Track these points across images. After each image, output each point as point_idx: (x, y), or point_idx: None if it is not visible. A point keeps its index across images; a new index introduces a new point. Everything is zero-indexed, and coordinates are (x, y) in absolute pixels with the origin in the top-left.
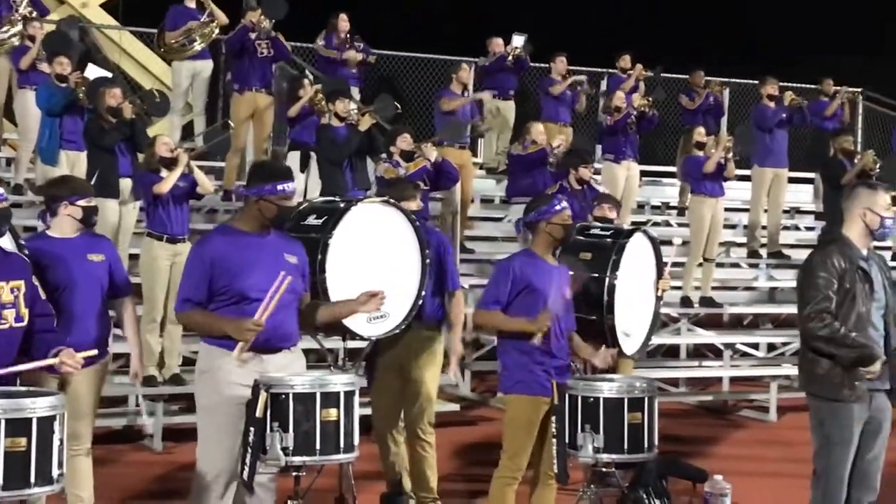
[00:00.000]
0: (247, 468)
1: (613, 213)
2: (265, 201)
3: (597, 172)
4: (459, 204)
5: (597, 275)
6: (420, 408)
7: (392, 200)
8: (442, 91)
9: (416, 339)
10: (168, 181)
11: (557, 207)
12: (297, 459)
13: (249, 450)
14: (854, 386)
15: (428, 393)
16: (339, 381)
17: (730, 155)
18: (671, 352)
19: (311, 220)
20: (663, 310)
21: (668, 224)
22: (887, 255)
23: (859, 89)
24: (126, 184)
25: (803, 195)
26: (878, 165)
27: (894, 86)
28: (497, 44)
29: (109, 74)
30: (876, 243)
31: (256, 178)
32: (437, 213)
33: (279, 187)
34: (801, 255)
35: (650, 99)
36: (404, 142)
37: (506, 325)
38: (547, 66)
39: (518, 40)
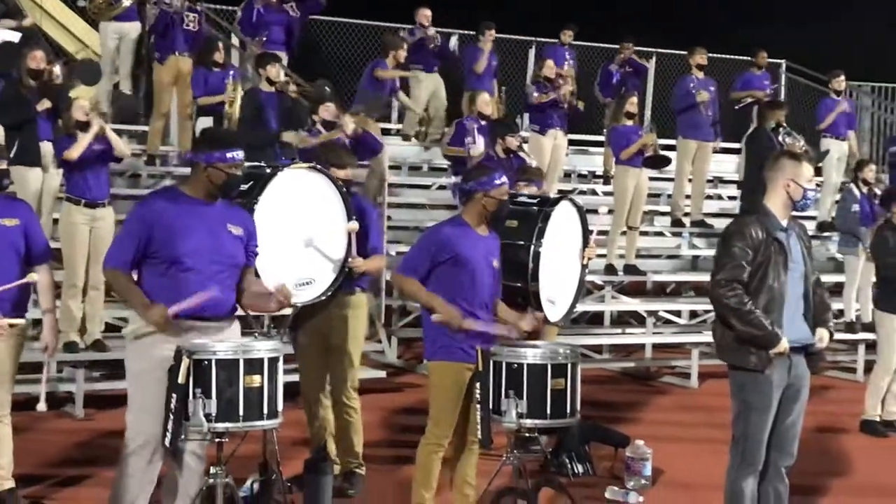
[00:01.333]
0: (169, 434)
1: (532, 189)
2: (214, 168)
3: (525, 141)
4: (387, 171)
5: (522, 242)
6: (344, 373)
7: (319, 167)
8: (376, 62)
9: (339, 305)
10: (78, 146)
11: (497, 181)
12: (220, 426)
13: (171, 416)
14: (762, 355)
15: (351, 358)
16: (263, 348)
17: (650, 153)
18: (595, 319)
19: None
20: (589, 277)
21: (594, 193)
22: (812, 224)
23: (782, 60)
24: (48, 148)
25: (727, 165)
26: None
27: (817, 57)
28: (424, 15)
29: (16, 36)
30: (802, 213)
31: (205, 144)
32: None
33: (228, 155)
34: (723, 224)
35: (579, 101)
36: (327, 112)
37: (419, 297)
38: (474, 34)
39: (453, 42)
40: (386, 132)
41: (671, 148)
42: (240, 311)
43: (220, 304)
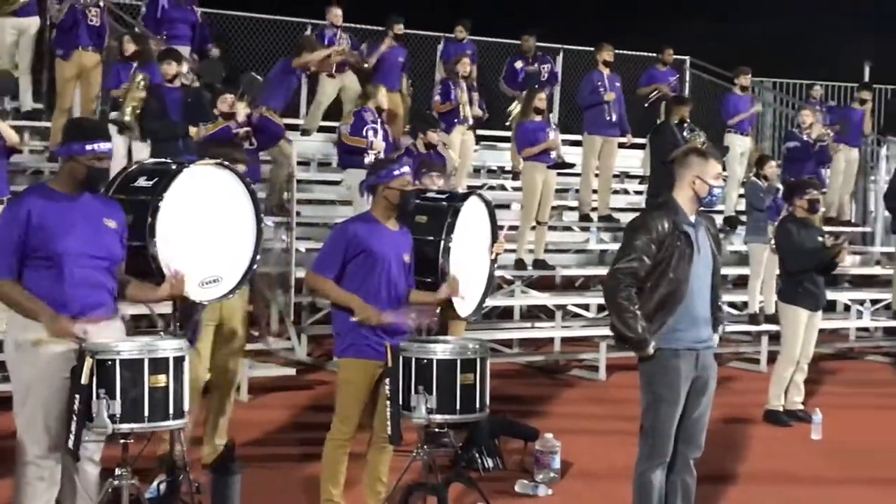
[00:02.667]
0: (72, 436)
1: (441, 181)
2: (75, 161)
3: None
4: (295, 167)
5: (432, 238)
6: (236, 364)
7: (227, 163)
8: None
9: (231, 300)
10: None
11: (396, 172)
12: (125, 427)
13: (75, 418)
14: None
15: (240, 344)
16: (169, 347)
17: (554, 155)
18: (505, 313)
19: (141, 182)
20: (499, 272)
21: (503, 188)
22: (719, 218)
23: (687, 57)
24: None
25: (632, 160)
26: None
27: (720, 53)
28: (335, 15)
29: None
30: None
31: (68, 136)
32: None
33: (88, 147)
34: (629, 218)
35: (483, 110)
36: (224, 104)
37: (334, 295)
38: (383, 29)
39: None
40: (294, 128)
41: (577, 143)
42: (142, 309)
43: (96, 305)
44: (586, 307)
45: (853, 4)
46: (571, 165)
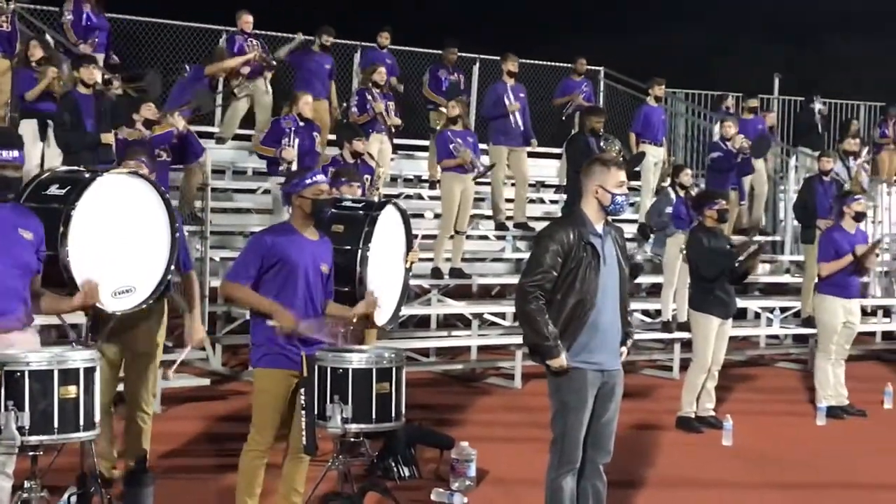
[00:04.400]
0: None
1: (356, 189)
2: None
3: None
4: (210, 176)
5: (349, 247)
6: (145, 380)
7: (141, 173)
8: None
9: (142, 312)
10: None
11: (308, 181)
12: (34, 439)
13: None
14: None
15: (153, 365)
16: (79, 358)
17: (469, 168)
18: (422, 322)
19: (53, 190)
20: (415, 281)
21: (420, 197)
22: (632, 228)
23: (601, 67)
24: None
25: (548, 169)
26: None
27: (635, 64)
28: (246, 21)
29: None
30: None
31: None
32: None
33: None
34: None
35: (398, 122)
36: (148, 111)
37: (251, 302)
38: (312, 38)
39: (284, 50)
40: (209, 136)
41: (486, 153)
42: (53, 319)
43: (8, 310)
44: (503, 315)
45: (764, 18)
46: (491, 166)
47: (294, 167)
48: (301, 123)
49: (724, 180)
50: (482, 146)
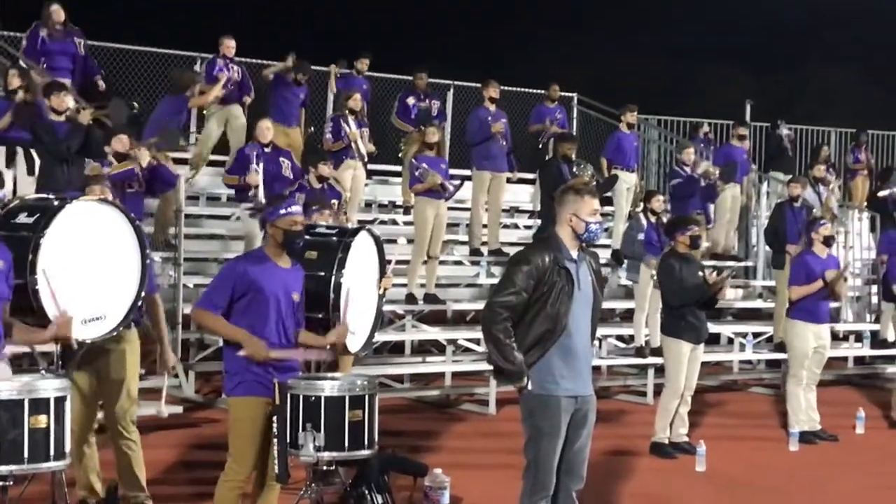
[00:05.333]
0: None
1: (331, 218)
2: None
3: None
4: (183, 201)
5: (323, 273)
6: (122, 407)
7: (110, 199)
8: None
9: (116, 340)
10: None
11: (283, 211)
12: (4, 469)
13: None
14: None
15: (129, 391)
16: (50, 387)
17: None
18: (396, 348)
19: (22, 219)
20: (389, 307)
21: (394, 223)
22: (607, 252)
23: (574, 94)
24: None
25: (522, 195)
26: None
27: (608, 91)
28: (228, 46)
29: None
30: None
31: None
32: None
33: None
34: None
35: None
36: (119, 143)
37: (221, 331)
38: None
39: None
40: (183, 161)
41: (468, 178)
42: (23, 347)
43: None
44: (477, 341)
45: (735, 47)
46: (461, 184)
47: (261, 192)
48: (266, 149)
49: (685, 206)
50: (465, 172)
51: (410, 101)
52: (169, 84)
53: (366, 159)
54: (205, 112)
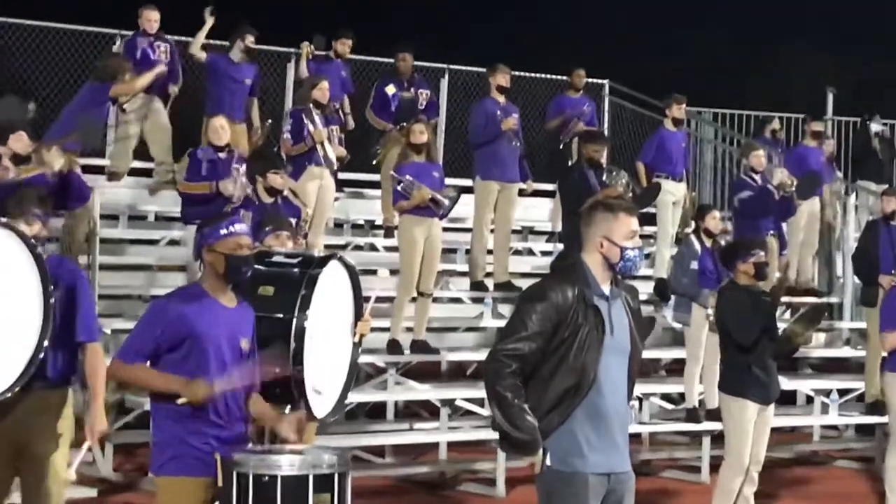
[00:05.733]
0: None
1: (290, 242)
2: None
3: None
4: (98, 221)
5: (281, 315)
6: (46, 490)
7: (5, 221)
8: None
9: (37, 404)
10: None
11: (223, 231)
12: None
13: None
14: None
15: (55, 471)
16: None
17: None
18: (376, 411)
19: None
20: (366, 358)
21: (373, 248)
22: (648, 285)
23: (605, 80)
24: None
25: (539, 212)
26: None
27: (648, 77)
28: (149, 19)
29: None
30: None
31: None
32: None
33: None
34: None
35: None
36: (19, 142)
37: (150, 382)
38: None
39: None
40: (97, 170)
41: (468, 190)
42: None
43: None
44: (481, 402)
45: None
46: (458, 197)
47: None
48: (219, 154)
49: (756, 227)
50: (464, 182)
51: (390, 90)
52: (93, 70)
53: (335, 166)
54: (120, 106)
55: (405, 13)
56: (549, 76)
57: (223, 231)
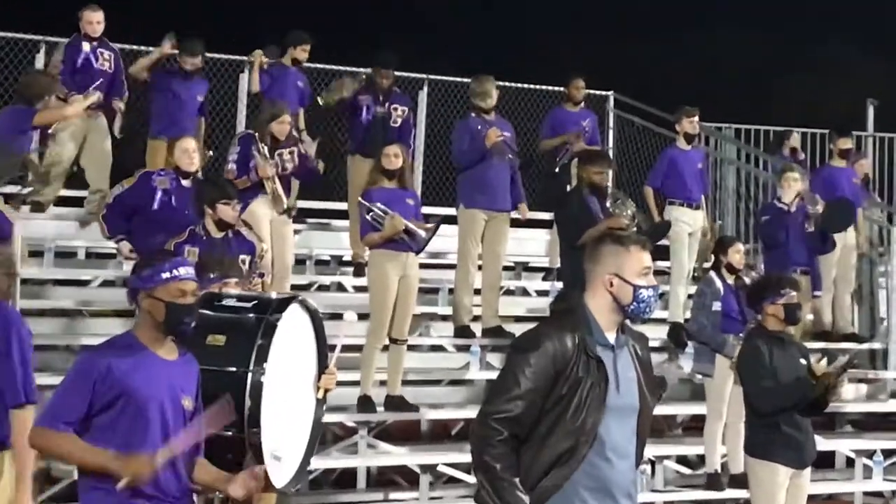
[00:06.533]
0: None
1: (240, 286)
2: None
3: None
4: (18, 261)
5: (234, 369)
6: None
7: None
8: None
9: None
10: None
11: (165, 275)
12: None
13: None
14: None
15: None
16: None
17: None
18: (345, 479)
19: None
20: (333, 417)
21: (340, 288)
22: (659, 331)
23: (609, 92)
24: None
25: (534, 245)
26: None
27: (654, 88)
28: (91, 20)
29: None
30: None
31: None
32: None
33: None
34: None
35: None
36: None
37: (79, 457)
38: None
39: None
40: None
41: (451, 220)
42: None
43: None
44: (466, 468)
45: (848, 19)
46: (437, 225)
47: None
48: (185, 182)
49: (783, 259)
50: (446, 210)
51: (364, 101)
52: (17, 89)
53: (285, 206)
54: (51, 136)
55: (376, 14)
56: (544, 87)
57: (165, 275)
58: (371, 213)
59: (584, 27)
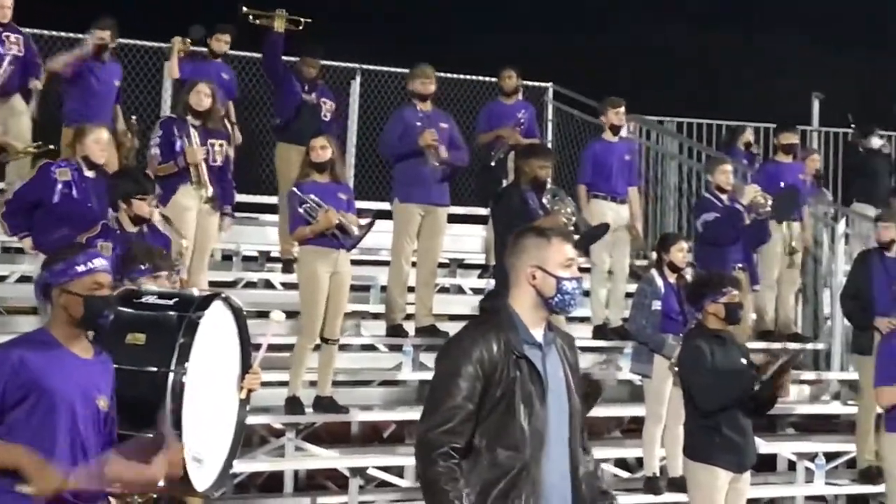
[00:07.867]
0: None
1: (167, 281)
2: None
3: None
4: None
5: (155, 368)
6: None
7: None
8: None
9: None
10: None
11: (80, 268)
12: None
13: None
14: None
15: None
16: None
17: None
18: (272, 483)
19: None
20: (258, 419)
21: (268, 285)
22: (584, 330)
23: (549, 84)
24: None
25: (469, 242)
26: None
27: (592, 80)
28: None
29: None
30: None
31: None
32: None
33: None
34: None
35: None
36: None
37: None
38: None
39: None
40: None
41: (386, 215)
42: None
43: None
44: (398, 471)
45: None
46: (372, 222)
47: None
48: (89, 173)
49: (723, 257)
50: (379, 205)
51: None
52: None
53: (209, 194)
54: None
55: (307, 1)
56: (482, 78)
57: (80, 268)
58: (305, 206)
59: (524, 17)
